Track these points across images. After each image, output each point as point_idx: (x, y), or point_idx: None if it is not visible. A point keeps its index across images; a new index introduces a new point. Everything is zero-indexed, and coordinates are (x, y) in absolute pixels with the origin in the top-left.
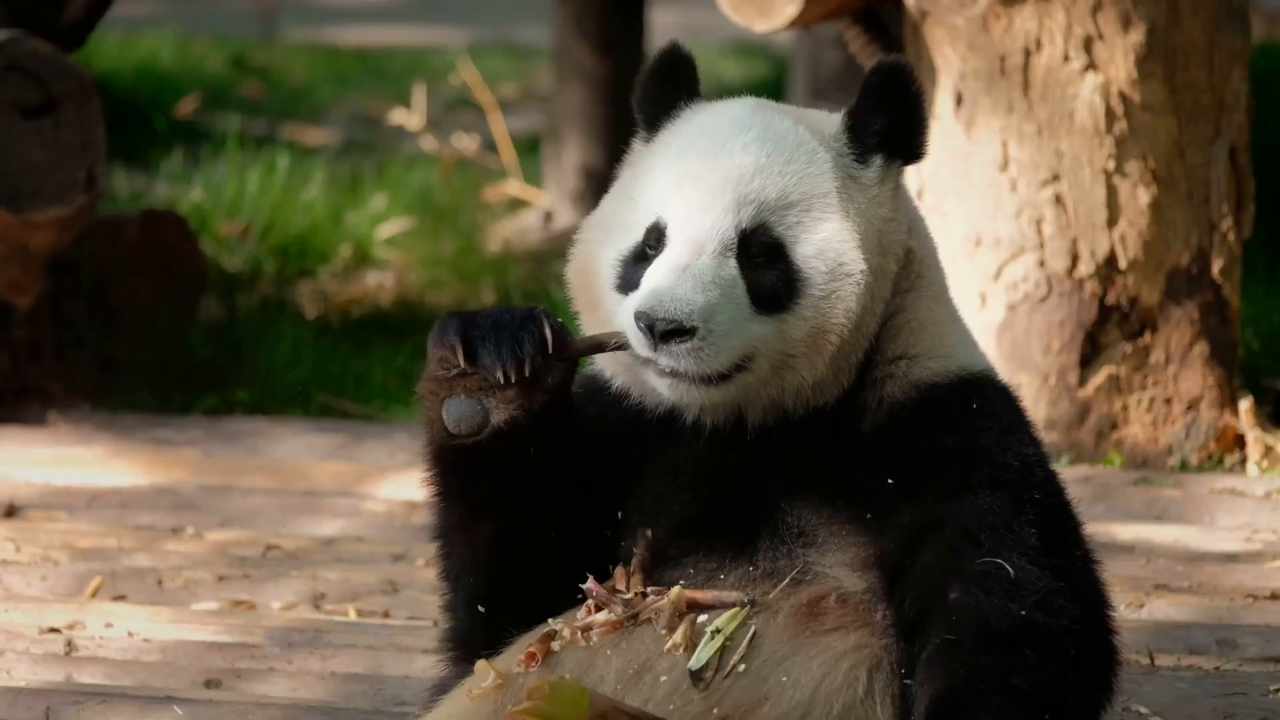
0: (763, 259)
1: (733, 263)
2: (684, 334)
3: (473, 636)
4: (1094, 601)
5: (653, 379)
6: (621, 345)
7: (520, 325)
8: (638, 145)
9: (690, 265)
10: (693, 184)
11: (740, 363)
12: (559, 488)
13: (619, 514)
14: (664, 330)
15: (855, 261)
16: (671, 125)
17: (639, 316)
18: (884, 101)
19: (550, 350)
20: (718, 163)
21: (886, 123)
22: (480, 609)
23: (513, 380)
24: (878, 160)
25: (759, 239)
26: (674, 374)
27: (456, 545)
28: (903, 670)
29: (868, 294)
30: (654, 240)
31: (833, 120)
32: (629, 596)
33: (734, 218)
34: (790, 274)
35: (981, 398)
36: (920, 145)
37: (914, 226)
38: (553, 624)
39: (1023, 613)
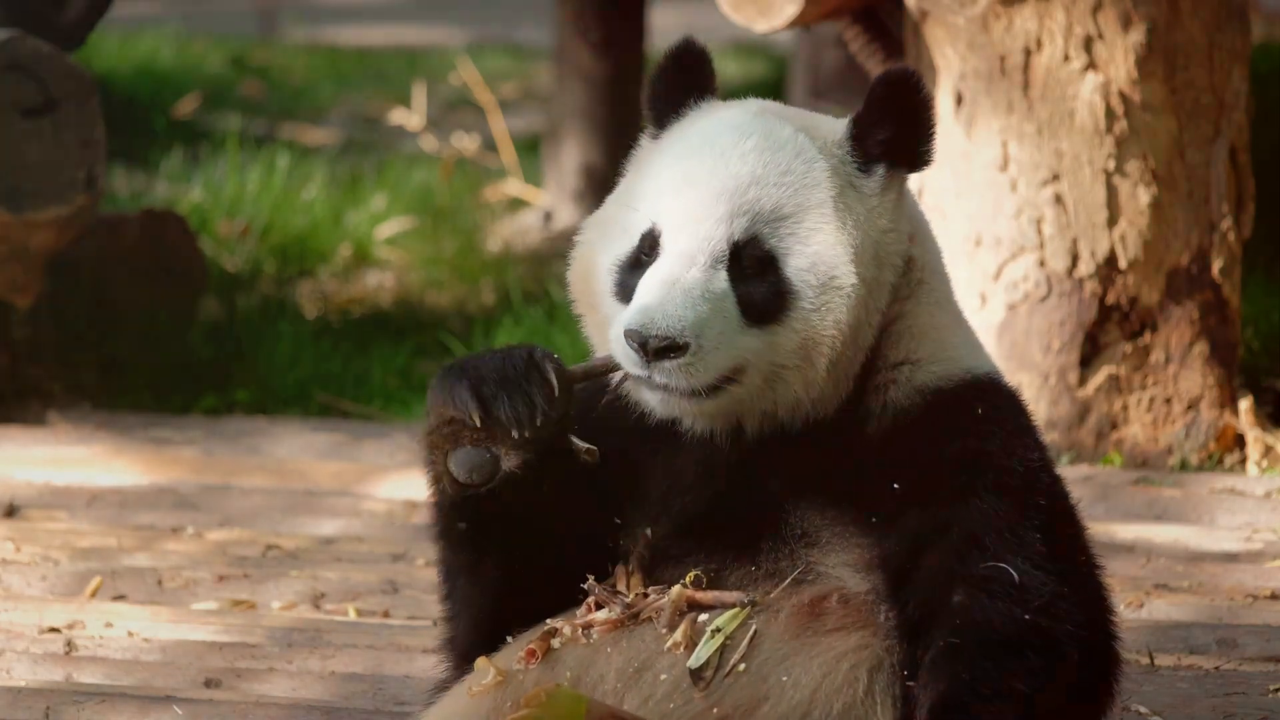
0: (754, 271)
1: (724, 275)
2: (677, 350)
3: (475, 651)
4: (1097, 606)
5: (644, 394)
6: (613, 368)
7: (525, 375)
8: (645, 142)
9: (681, 279)
10: (688, 192)
11: (730, 375)
12: (566, 509)
13: (621, 513)
14: (656, 348)
15: (847, 275)
16: (677, 126)
17: (630, 335)
18: (890, 111)
19: (557, 393)
20: (714, 172)
21: (892, 133)
22: (484, 628)
23: (527, 434)
24: (880, 170)
25: (751, 251)
26: (665, 389)
27: (461, 584)
28: (904, 671)
29: (860, 307)
30: (649, 248)
31: (837, 126)
32: (629, 595)
33: (727, 229)
34: (781, 286)
35: (986, 402)
36: (926, 154)
37: (916, 234)
38: (553, 622)
39: (1026, 617)
